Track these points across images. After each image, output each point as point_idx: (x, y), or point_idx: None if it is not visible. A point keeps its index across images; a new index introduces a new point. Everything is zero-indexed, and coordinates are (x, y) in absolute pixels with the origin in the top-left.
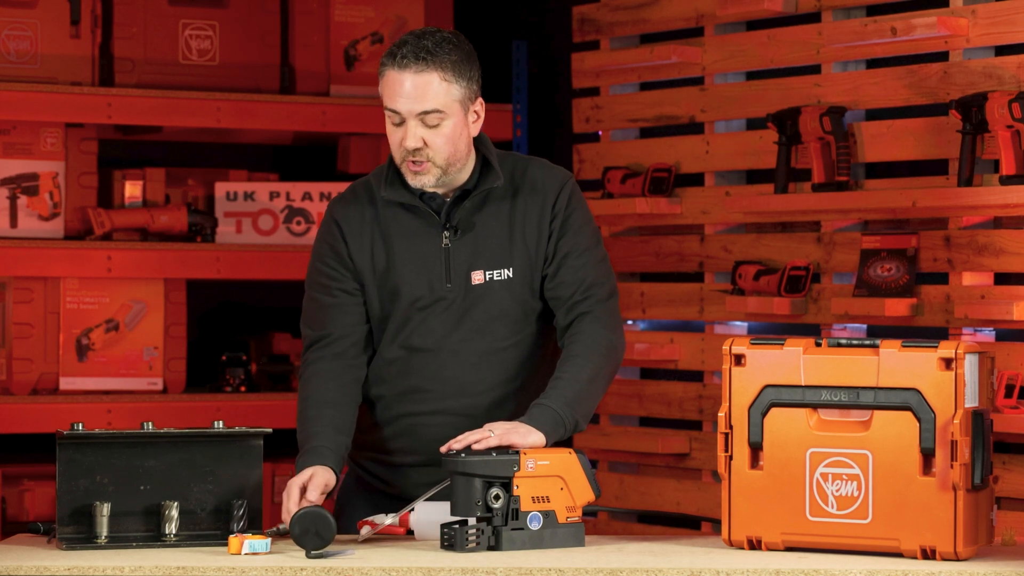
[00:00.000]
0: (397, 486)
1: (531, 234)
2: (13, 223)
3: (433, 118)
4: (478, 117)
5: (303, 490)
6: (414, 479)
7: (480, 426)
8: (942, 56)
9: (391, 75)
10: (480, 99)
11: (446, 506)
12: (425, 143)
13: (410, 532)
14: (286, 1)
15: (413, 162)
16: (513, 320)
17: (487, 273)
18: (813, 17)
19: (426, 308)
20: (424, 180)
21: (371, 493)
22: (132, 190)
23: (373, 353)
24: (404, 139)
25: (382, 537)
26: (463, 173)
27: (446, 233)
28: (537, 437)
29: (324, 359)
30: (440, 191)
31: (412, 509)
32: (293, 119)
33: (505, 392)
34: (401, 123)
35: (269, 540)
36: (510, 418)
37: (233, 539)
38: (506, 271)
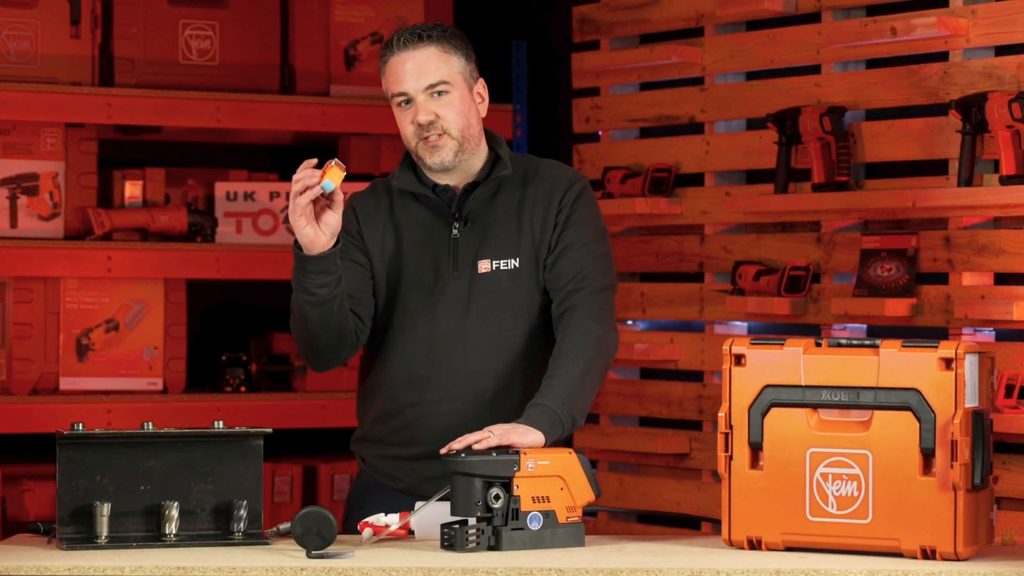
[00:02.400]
0: (404, 480)
1: (537, 226)
2: (13, 223)
3: (440, 89)
4: (483, 99)
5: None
6: (421, 473)
7: (485, 415)
8: (942, 56)
9: (392, 61)
10: (482, 81)
11: (446, 506)
12: (436, 116)
13: (411, 532)
14: (286, 1)
15: (427, 138)
16: (519, 310)
17: (494, 262)
18: (813, 17)
19: (432, 295)
20: (443, 156)
21: (381, 491)
22: (132, 190)
23: (373, 337)
24: (416, 116)
25: (384, 537)
26: (476, 159)
27: (456, 224)
28: (536, 436)
29: None
30: (452, 183)
31: (414, 511)
32: (293, 119)
33: (510, 381)
34: (409, 104)
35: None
36: (516, 408)
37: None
38: (513, 261)
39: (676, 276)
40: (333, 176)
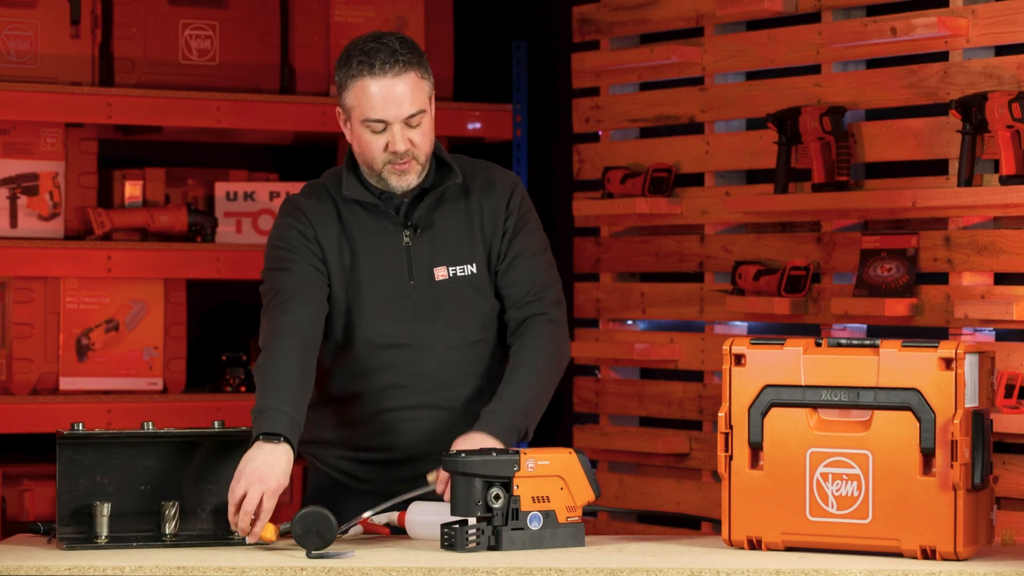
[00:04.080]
0: (375, 483)
1: (488, 231)
2: (13, 223)
3: (416, 119)
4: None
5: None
6: (393, 475)
7: (460, 419)
8: (942, 56)
9: (368, 83)
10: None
11: (441, 506)
12: (412, 144)
13: (397, 532)
14: (286, 1)
15: (398, 163)
16: (482, 314)
17: (450, 269)
18: (813, 17)
19: (394, 304)
20: (409, 179)
21: (345, 492)
22: (132, 190)
23: (332, 346)
24: (392, 144)
25: (382, 537)
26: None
27: (406, 232)
28: (495, 445)
29: (294, 315)
30: (399, 191)
31: (400, 508)
32: (293, 119)
33: (482, 384)
34: (384, 130)
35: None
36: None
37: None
38: (469, 267)
39: (676, 276)
40: (268, 533)
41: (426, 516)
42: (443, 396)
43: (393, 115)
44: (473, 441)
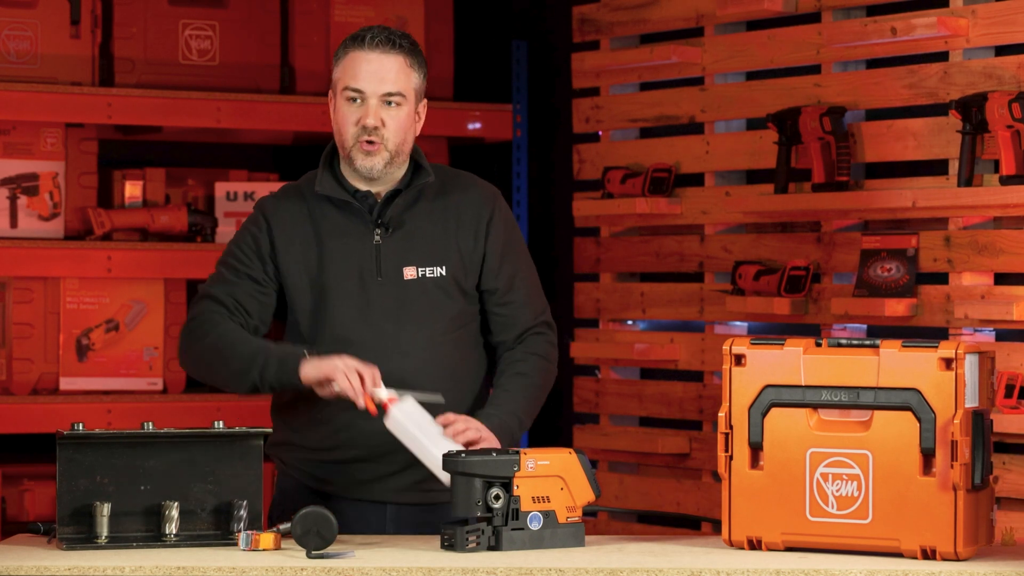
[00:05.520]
0: (334, 484)
1: (465, 238)
2: (13, 223)
3: (395, 99)
4: (420, 118)
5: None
6: (358, 476)
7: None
8: (942, 56)
9: (357, 56)
10: (426, 101)
11: (427, 417)
12: (383, 123)
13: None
14: (286, 1)
15: (367, 142)
16: (449, 316)
17: (419, 269)
18: (813, 17)
19: (362, 302)
20: (375, 162)
21: (308, 494)
22: (132, 190)
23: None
24: (364, 117)
25: (382, 537)
26: (399, 170)
27: (377, 231)
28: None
29: (229, 320)
30: (374, 190)
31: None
32: (293, 119)
33: (447, 385)
34: (361, 103)
35: None
36: (452, 410)
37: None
38: (439, 269)
39: (676, 276)
40: (268, 542)
41: (409, 418)
42: None
43: (372, 88)
44: (485, 439)
